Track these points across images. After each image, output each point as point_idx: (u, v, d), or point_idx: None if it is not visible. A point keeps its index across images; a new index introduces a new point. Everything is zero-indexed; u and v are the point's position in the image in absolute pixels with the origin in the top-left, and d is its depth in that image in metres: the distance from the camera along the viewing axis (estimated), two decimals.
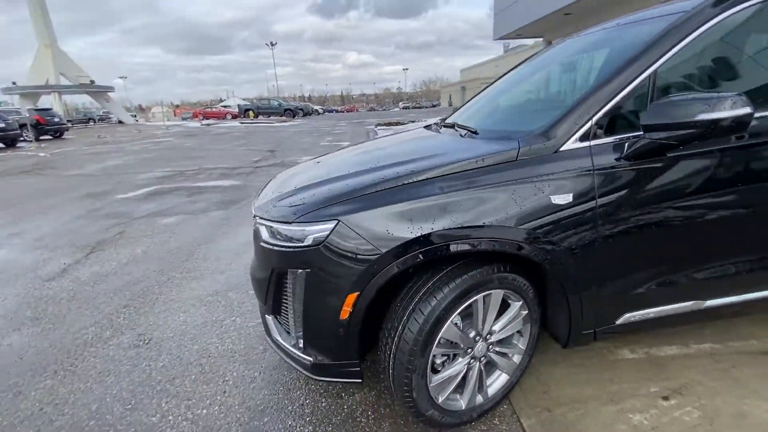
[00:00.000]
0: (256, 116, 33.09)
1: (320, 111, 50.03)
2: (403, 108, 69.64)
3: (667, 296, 1.55)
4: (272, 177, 2.12)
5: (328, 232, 1.34)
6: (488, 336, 1.51)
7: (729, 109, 1.16)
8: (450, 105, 56.78)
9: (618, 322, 1.54)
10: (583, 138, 1.39)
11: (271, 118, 32.11)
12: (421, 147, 1.97)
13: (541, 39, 19.19)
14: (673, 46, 1.39)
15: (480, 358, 1.53)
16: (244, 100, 51.65)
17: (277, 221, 1.48)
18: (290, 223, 1.42)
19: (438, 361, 1.48)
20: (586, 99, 1.42)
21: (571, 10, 13.97)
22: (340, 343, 1.43)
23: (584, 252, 1.37)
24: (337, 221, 1.33)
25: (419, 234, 1.28)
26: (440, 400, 1.47)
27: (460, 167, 1.39)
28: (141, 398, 1.81)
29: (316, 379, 1.60)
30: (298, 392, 1.82)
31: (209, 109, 45.02)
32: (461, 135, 1.88)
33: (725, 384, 1.68)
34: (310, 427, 1.62)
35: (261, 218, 1.58)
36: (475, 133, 1.80)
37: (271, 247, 1.50)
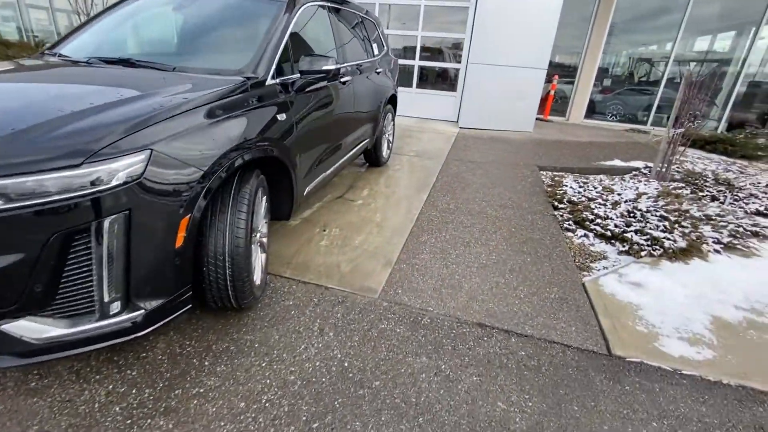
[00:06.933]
0: None
1: None
2: None
3: (320, 170, 2.75)
4: None
5: (144, 164, 1.32)
6: (257, 226, 2.07)
7: (332, 64, 2.34)
8: None
9: (305, 193, 2.57)
10: (273, 77, 2.13)
11: None
12: (146, 78, 1.86)
13: None
14: (291, 21, 2.36)
15: (258, 243, 2.08)
16: None
17: (43, 170, 1.16)
18: (78, 165, 1.20)
19: None
20: (264, 51, 2.12)
21: None
22: (178, 273, 1.52)
23: (296, 148, 2.22)
24: (150, 150, 1.34)
25: (226, 149, 1.60)
26: (257, 282, 1.93)
27: (219, 94, 1.72)
28: None
29: (142, 335, 1.47)
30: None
31: None
32: (166, 70, 1.96)
33: (333, 215, 3.23)
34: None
35: None
36: (173, 69, 1.97)
37: (35, 208, 1.16)
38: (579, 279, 2.55)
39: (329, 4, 3.04)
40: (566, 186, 4.26)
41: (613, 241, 3.14)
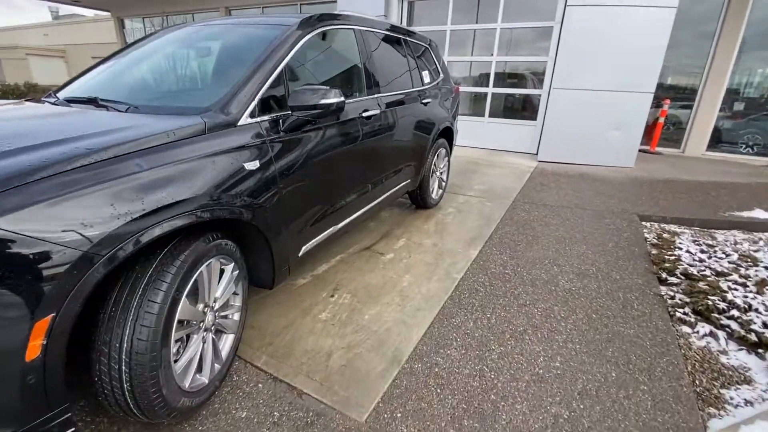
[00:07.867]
0: None
1: None
2: None
3: (324, 225, 2.22)
4: None
5: None
6: (213, 304, 1.59)
7: (334, 97, 1.83)
8: None
9: (300, 254, 2.06)
10: (252, 116, 1.68)
11: None
12: (71, 123, 1.57)
13: (108, 12, 16.62)
14: (290, 50, 1.92)
15: (211, 329, 1.58)
16: None
17: None
18: None
19: (174, 349, 1.40)
20: (243, 86, 1.69)
21: None
22: (34, 394, 1.05)
23: (275, 204, 1.73)
24: None
25: (132, 218, 1.14)
26: (187, 385, 1.42)
27: (151, 142, 1.31)
28: None
29: None
30: None
31: None
32: (117, 110, 1.65)
33: (352, 272, 2.65)
34: None
35: None
36: (136, 108, 1.65)
37: None
38: (702, 425, 1.57)
39: (359, 27, 2.59)
40: (680, 248, 3.10)
41: (760, 350, 2.02)
